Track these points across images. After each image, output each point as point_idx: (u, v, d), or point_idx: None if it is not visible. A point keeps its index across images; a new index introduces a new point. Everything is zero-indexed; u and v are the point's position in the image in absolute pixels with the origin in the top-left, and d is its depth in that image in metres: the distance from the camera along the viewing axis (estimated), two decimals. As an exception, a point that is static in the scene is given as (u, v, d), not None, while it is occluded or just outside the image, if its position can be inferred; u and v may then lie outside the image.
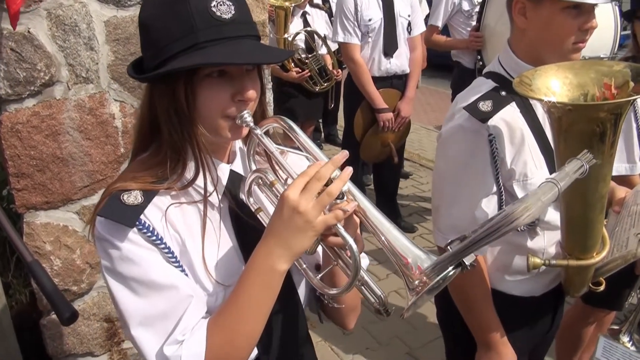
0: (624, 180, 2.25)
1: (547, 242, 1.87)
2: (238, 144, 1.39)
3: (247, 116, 1.20)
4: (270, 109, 2.95)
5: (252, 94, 1.19)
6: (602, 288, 1.98)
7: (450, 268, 1.06)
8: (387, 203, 5.21)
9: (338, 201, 1.10)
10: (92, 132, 2.39)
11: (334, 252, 1.22)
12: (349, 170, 1.12)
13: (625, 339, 2.71)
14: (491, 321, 1.90)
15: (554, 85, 1.61)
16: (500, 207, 1.82)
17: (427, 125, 8.79)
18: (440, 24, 4.95)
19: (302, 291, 1.40)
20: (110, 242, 1.15)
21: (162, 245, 1.17)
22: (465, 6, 4.84)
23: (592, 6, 1.68)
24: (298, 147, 1.25)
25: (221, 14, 1.14)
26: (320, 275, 1.23)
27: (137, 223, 1.15)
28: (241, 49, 1.16)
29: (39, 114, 2.20)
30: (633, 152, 2.50)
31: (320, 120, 7.39)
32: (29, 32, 2.13)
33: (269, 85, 2.97)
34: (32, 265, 1.45)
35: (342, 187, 1.09)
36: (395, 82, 4.69)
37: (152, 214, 1.19)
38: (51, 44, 2.19)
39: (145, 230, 1.16)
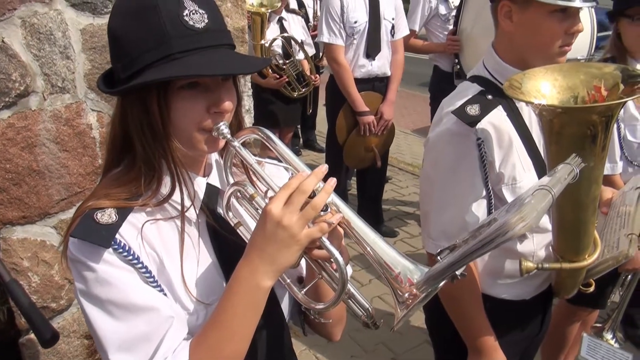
0: (606, 180, 2.27)
1: (536, 245, 1.87)
2: (214, 156, 1.35)
3: (224, 128, 1.16)
4: (250, 116, 2.92)
5: (228, 105, 1.15)
6: (592, 289, 1.99)
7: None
8: (370, 208, 5.20)
9: (322, 213, 1.07)
10: (69, 144, 2.31)
11: (318, 265, 1.19)
12: (333, 181, 1.10)
13: (608, 336, 2.74)
14: (482, 326, 1.88)
15: (544, 87, 1.60)
16: (489, 211, 1.82)
17: (404, 129, 8.82)
18: (417, 27, 4.98)
19: (285, 305, 1.37)
20: (85, 264, 1.10)
21: (139, 265, 1.13)
22: (442, 10, 4.87)
23: (578, 9, 1.70)
24: (276, 158, 1.22)
25: (194, 23, 1.10)
26: (305, 290, 1.19)
27: (113, 243, 1.10)
28: (216, 58, 1.12)
29: (14, 125, 2.12)
30: (614, 152, 2.54)
31: (299, 126, 7.36)
32: (2, 41, 2.05)
33: (250, 92, 2.92)
34: (10, 285, 1.39)
35: (326, 200, 1.07)
36: (377, 85, 4.69)
37: (127, 233, 1.14)
38: (26, 53, 2.12)
39: (121, 250, 1.11)
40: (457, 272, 1.03)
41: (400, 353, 3.70)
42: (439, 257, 1.07)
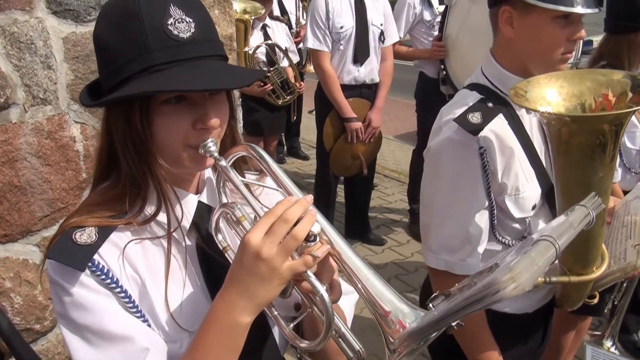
0: None
1: None
2: (208, 172, 1.27)
3: (212, 145, 1.08)
4: (239, 125, 2.83)
5: (214, 122, 1.07)
6: (595, 300, 1.95)
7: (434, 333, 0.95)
8: (358, 216, 5.14)
9: (310, 244, 0.98)
10: (51, 157, 2.22)
11: (308, 298, 1.10)
12: (313, 210, 1.01)
13: (608, 344, 2.72)
14: (486, 341, 1.83)
15: (549, 95, 1.56)
16: (492, 223, 1.78)
17: (387, 135, 8.79)
18: (402, 34, 4.96)
19: (278, 330, 1.28)
20: (62, 286, 1.03)
21: (118, 290, 1.05)
22: (427, 16, 4.86)
23: (581, 16, 1.66)
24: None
25: (178, 32, 1.03)
26: (293, 324, 1.10)
27: (90, 264, 1.03)
28: (201, 71, 1.04)
29: (-7, 139, 2.03)
30: (613, 160, 2.51)
31: (283, 134, 7.29)
32: (-20, 51, 1.96)
33: (239, 102, 2.84)
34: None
35: (309, 229, 0.98)
36: (364, 92, 4.63)
37: (107, 254, 1.07)
38: (5, 64, 2.02)
39: (99, 273, 1.04)
40: (453, 323, 0.94)
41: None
42: (430, 305, 0.98)
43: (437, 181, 1.80)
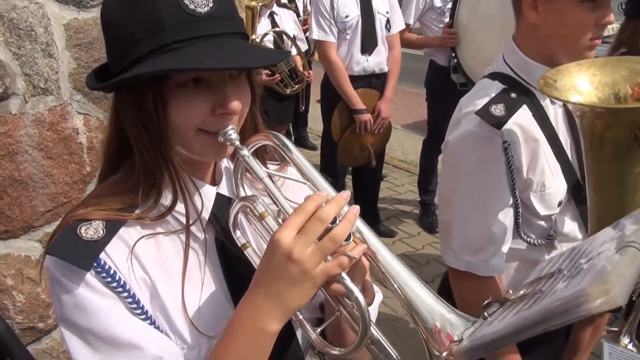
0: None
1: None
2: (225, 161, 1.18)
3: (232, 133, 1.00)
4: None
5: (235, 105, 0.98)
6: None
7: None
8: (367, 208, 5.06)
9: (343, 243, 0.90)
10: (53, 150, 2.14)
11: (337, 300, 1.01)
12: (356, 209, 0.92)
13: (625, 340, 2.63)
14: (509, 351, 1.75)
15: (581, 84, 1.47)
16: (516, 221, 1.70)
17: (394, 125, 8.68)
18: (412, 21, 4.86)
19: (301, 333, 1.19)
20: (63, 285, 0.94)
21: (125, 294, 0.96)
22: (438, 3, 4.76)
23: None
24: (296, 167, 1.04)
25: (195, 7, 0.93)
26: (320, 329, 1.01)
27: (96, 264, 0.94)
28: (220, 50, 0.95)
29: (-8, 131, 1.95)
30: None
31: (290, 124, 7.20)
32: (-23, 39, 1.87)
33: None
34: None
35: (349, 231, 0.90)
36: (373, 82, 4.54)
37: (115, 252, 0.98)
38: (4, 52, 1.94)
39: (104, 274, 0.95)
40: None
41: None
42: (485, 313, 0.89)
43: (458, 178, 1.72)
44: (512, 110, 1.61)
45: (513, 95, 1.66)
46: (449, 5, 4.65)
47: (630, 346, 2.57)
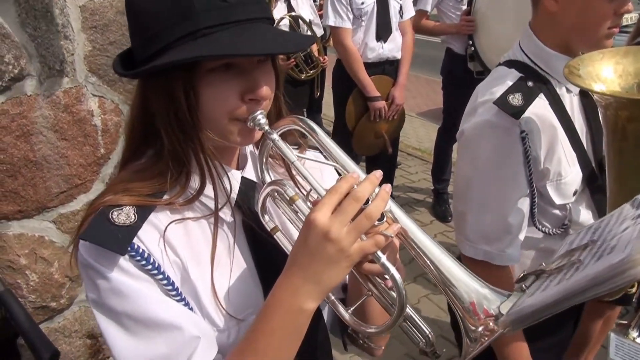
0: None
1: None
2: (249, 146, 1.18)
3: (261, 118, 0.99)
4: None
5: (266, 91, 0.98)
6: (634, 289, 1.87)
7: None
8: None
9: (377, 223, 0.90)
10: (68, 132, 2.14)
11: (367, 279, 1.02)
12: (388, 187, 0.92)
13: (634, 334, 2.61)
14: (521, 350, 1.74)
15: (605, 72, 1.45)
16: (532, 210, 1.70)
17: (409, 112, 8.64)
18: (429, 8, 4.81)
19: (327, 311, 1.21)
20: (98, 270, 0.94)
21: (160, 276, 0.97)
22: (455, -10, 4.67)
23: None
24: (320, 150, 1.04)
25: None
26: (352, 309, 1.02)
27: (130, 248, 0.94)
28: (252, 35, 0.94)
29: (8, 112, 1.95)
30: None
31: (305, 109, 7.17)
32: (-6, 19, 1.87)
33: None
34: (4, 297, 1.22)
35: (383, 208, 0.90)
36: (387, 68, 4.50)
37: (147, 236, 0.98)
38: (20, 33, 1.94)
39: (139, 258, 0.95)
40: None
41: (414, 349, 3.57)
42: (523, 285, 0.89)
43: (474, 167, 1.71)
44: (530, 99, 1.60)
45: (530, 84, 1.65)
46: (467, -7, 4.61)
47: (638, 339, 2.56)
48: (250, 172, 1.14)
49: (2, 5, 1.88)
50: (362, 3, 4.26)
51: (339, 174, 1.03)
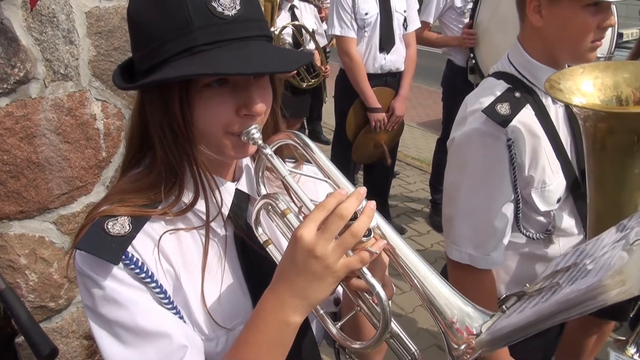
0: None
1: (562, 249, 1.82)
2: (246, 159, 1.20)
3: (255, 132, 1.01)
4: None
5: (260, 107, 1.00)
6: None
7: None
8: (378, 205, 5.06)
9: (364, 238, 0.92)
10: (71, 135, 2.19)
11: (356, 295, 1.03)
12: (373, 204, 0.94)
13: (632, 350, 2.62)
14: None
15: (584, 86, 1.50)
16: (516, 216, 1.75)
17: (409, 122, 8.68)
18: (431, 20, 4.84)
19: (315, 325, 1.22)
20: (93, 279, 0.97)
21: (153, 284, 0.99)
22: (458, 2, 4.73)
23: (610, 3, 1.62)
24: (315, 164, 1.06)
25: (223, 9, 0.95)
26: (340, 324, 1.02)
27: (124, 257, 0.97)
28: (247, 53, 0.97)
29: (12, 114, 2.00)
30: None
31: (305, 118, 7.23)
32: (2, 23, 1.92)
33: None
34: (5, 294, 1.26)
35: (368, 225, 0.91)
36: (389, 80, 4.52)
37: (141, 246, 1.01)
38: (27, 37, 1.99)
39: (132, 266, 0.98)
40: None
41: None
42: (504, 306, 0.91)
43: (463, 173, 1.76)
44: (517, 109, 1.66)
45: (517, 94, 1.71)
46: (469, 6, 4.63)
47: (636, 356, 2.57)
48: (244, 185, 1.16)
49: (10, 10, 1.93)
50: (366, 14, 4.29)
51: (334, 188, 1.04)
